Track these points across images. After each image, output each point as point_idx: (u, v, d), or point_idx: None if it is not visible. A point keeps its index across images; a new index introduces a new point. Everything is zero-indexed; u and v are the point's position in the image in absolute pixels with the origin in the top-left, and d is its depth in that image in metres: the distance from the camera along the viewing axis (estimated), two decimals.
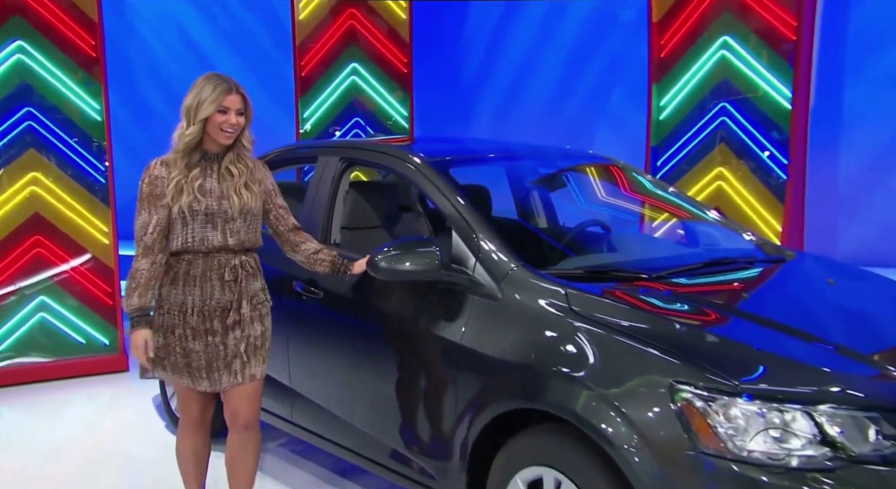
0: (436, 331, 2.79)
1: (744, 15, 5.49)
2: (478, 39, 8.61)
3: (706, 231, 3.47)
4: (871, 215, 6.46)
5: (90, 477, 3.88)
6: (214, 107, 2.68)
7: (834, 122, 6.46)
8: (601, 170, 3.84)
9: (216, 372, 2.77)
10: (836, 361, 2.28)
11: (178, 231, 2.71)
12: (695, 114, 5.79)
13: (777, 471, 2.06)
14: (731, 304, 2.64)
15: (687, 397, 2.17)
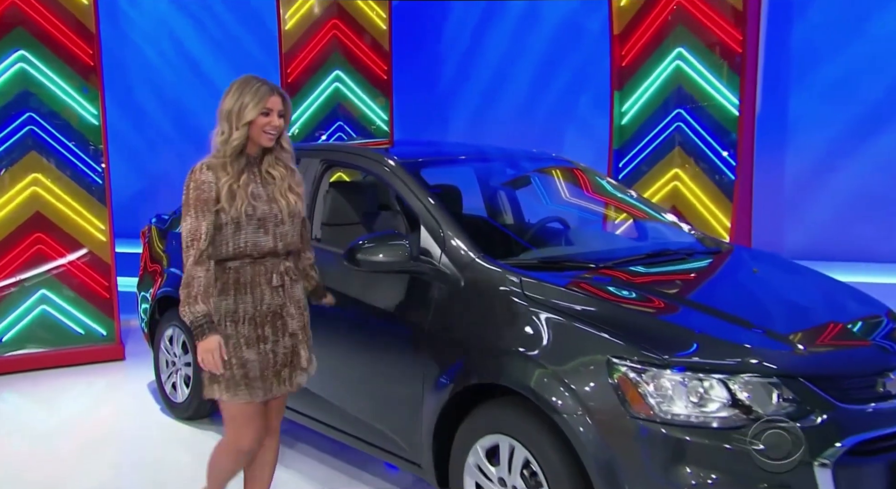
0: (405, 316, 2.99)
1: (695, 29, 5.68)
2: (454, 49, 8.70)
3: (653, 227, 3.69)
4: (814, 213, 6.69)
5: (91, 454, 4.02)
6: (259, 110, 2.54)
7: (780, 128, 6.66)
8: (562, 171, 4.05)
9: (268, 380, 2.63)
10: (749, 339, 2.50)
11: (229, 237, 2.55)
12: (653, 119, 5.97)
13: (698, 431, 2.28)
14: (668, 290, 2.86)
15: (622, 370, 2.39)
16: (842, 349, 2.59)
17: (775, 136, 6.64)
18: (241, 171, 2.57)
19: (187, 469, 3.80)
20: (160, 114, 9.38)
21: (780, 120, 6.63)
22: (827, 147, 6.60)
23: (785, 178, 6.69)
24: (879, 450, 2.36)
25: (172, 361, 4.42)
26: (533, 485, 2.57)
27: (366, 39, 6.99)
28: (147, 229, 4.92)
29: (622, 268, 2.99)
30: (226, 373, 2.56)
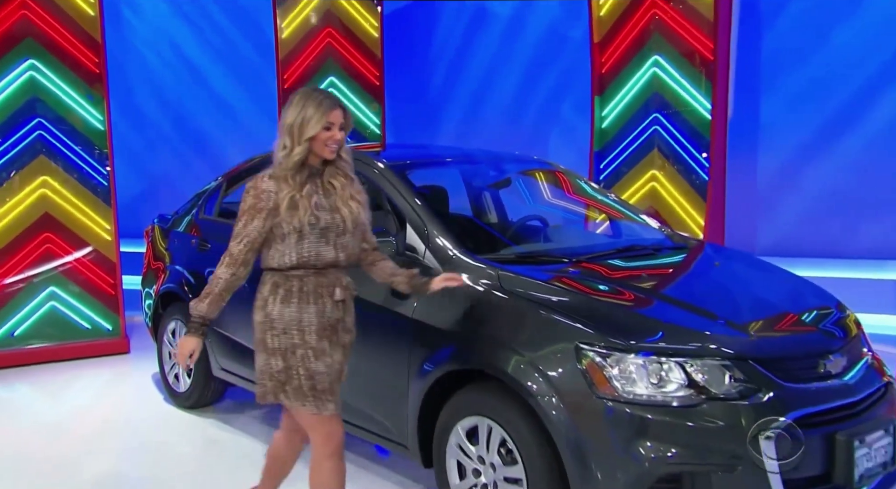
0: (392, 307, 3.13)
1: (671, 38, 5.83)
2: (443, 56, 8.82)
3: (625, 225, 3.85)
4: (784, 212, 6.85)
5: (99, 439, 4.16)
6: (321, 125, 2.47)
7: (752, 131, 6.81)
8: (543, 173, 4.20)
9: (336, 393, 2.57)
10: (706, 326, 2.67)
11: (292, 246, 2.48)
12: (631, 123, 6.11)
13: (658, 410, 2.44)
14: (634, 282, 3.02)
15: (589, 356, 2.55)
16: (788, 334, 2.76)
17: (747, 139, 6.79)
18: (304, 182, 2.51)
19: (188, 452, 3.96)
20: (160, 117, 9.49)
21: (752, 124, 6.78)
22: (796, 149, 6.75)
23: (757, 178, 6.85)
24: (819, 423, 2.53)
25: (175, 353, 4.54)
26: (509, 462, 2.72)
27: (359, 47, 7.12)
28: (150, 229, 5.05)
29: (594, 262, 3.14)
30: (292, 383, 2.50)
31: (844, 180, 6.49)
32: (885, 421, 2.69)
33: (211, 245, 4.30)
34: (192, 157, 9.52)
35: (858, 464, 2.53)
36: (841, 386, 2.63)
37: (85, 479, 3.66)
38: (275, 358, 2.52)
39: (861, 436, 2.55)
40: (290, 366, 2.50)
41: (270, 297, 2.54)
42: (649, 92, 5.98)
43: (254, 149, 9.73)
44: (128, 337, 5.80)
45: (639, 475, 2.43)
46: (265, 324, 2.54)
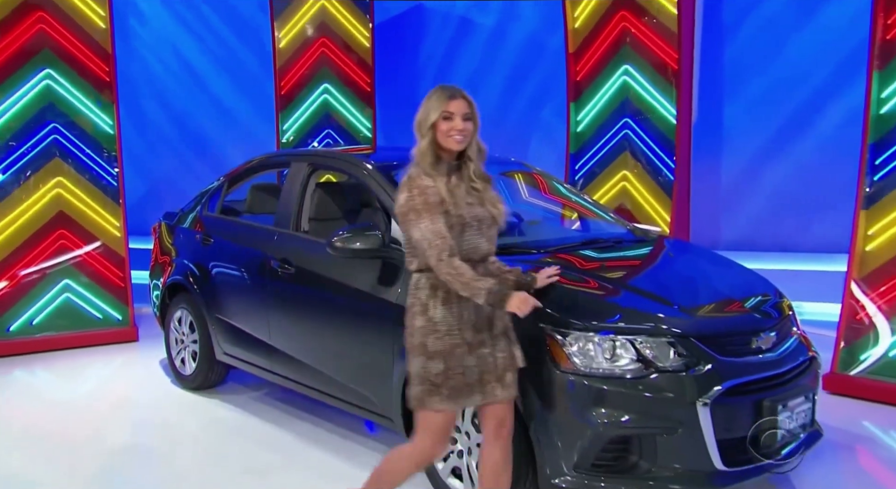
0: (378, 294, 3.36)
1: (639, 48, 6.04)
2: (430, 64, 9.00)
3: (592, 221, 4.08)
4: (745, 210, 7.09)
5: (112, 418, 4.38)
6: (438, 113, 2.41)
7: (715, 135, 7.06)
8: (520, 173, 4.42)
9: (489, 384, 2.48)
10: (656, 309, 2.91)
11: (456, 240, 2.42)
12: (604, 127, 6.32)
13: (611, 381, 2.68)
14: (596, 271, 3.25)
15: (551, 335, 2.78)
16: (726, 316, 3.01)
17: (712, 142, 7.03)
18: (447, 176, 2.47)
19: (194, 428, 4.18)
20: (164, 122, 9.66)
21: (716, 128, 7.02)
22: (755, 152, 7.00)
23: (720, 178, 7.08)
24: (749, 391, 2.79)
25: (181, 339, 4.77)
26: (482, 431, 2.93)
27: (352, 56, 7.30)
28: (157, 225, 5.25)
29: (562, 254, 3.38)
30: (448, 383, 2.44)
31: (798, 181, 6.74)
32: (807, 389, 2.95)
33: (214, 240, 4.51)
34: (192, 158, 9.72)
35: (781, 425, 2.78)
36: (770, 359, 2.89)
37: (101, 450, 3.88)
38: (434, 361, 2.45)
39: (784, 402, 2.81)
40: (449, 368, 2.44)
41: (430, 301, 2.46)
42: (620, 98, 6.20)
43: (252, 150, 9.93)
44: (136, 326, 5.99)
45: (593, 438, 2.68)
46: (427, 328, 2.45)
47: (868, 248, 4.37)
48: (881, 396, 4.24)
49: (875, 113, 4.28)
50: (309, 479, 3.49)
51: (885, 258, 4.30)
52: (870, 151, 4.31)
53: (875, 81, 4.26)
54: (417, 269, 2.50)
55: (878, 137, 4.29)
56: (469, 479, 3.02)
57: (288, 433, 4.03)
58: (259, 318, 4.07)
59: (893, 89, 4.24)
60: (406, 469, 2.60)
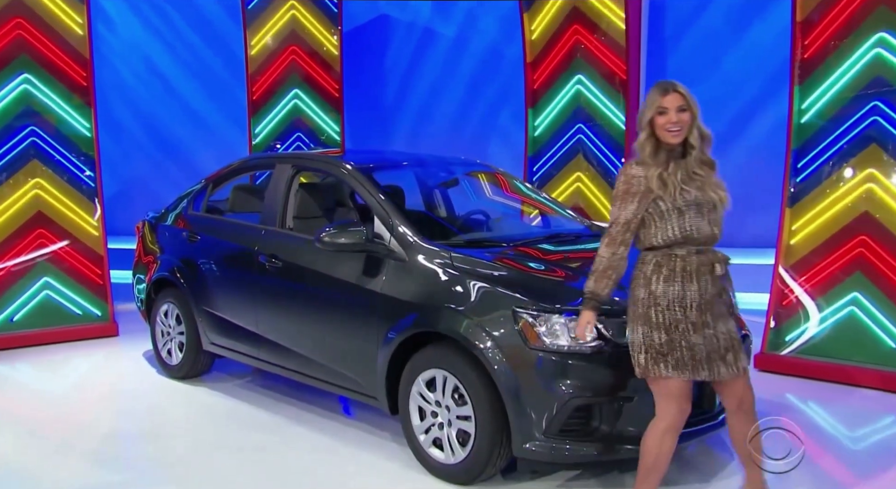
0: (363, 285, 3.58)
1: (590, 59, 6.36)
2: (395, 71, 9.21)
3: (553, 218, 4.38)
4: None
5: (101, 405, 4.46)
6: (653, 110, 2.56)
7: None
8: (485, 174, 4.69)
9: (714, 363, 2.58)
10: (614, 293, 3.18)
11: (674, 222, 2.54)
12: (559, 132, 6.61)
13: (576, 356, 2.96)
14: (558, 261, 3.55)
15: (523, 316, 3.05)
16: None
17: None
18: (666, 162, 2.57)
19: (183, 413, 4.30)
20: (134, 126, 9.63)
21: None
22: None
23: None
24: None
25: (167, 332, 4.89)
26: (460, 403, 3.20)
27: (320, 63, 7.46)
28: (141, 224, 5.35)
29: (527, 247, 3.66)
30: (674, 353, 2.55)
31: (734, 182, 7.15)
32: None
33: (200, 237, 4.65)
34: (163, 161, 9.72)
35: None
36: None
37: (93, 435, 3.97)
38: (658, 332, 2.56)
39: None
40: (673, 340, 2.55)
41: (654, 276, 2.57)
42: (574, 105, 6.51)
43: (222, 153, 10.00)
44: (116, 322, 6.05)
45: (560, 407, 2.95)
46: (648, 300, 2.58)
47: (792, 242, 4.78)
48: (803, 372, 4.65)
49: (797, 122, 4.69)
50: (303, 455, 3.68)
51: (807, 250, 4.71)
52: (793, 156, 4.72)
53: (796, 95, 4.67)
54: (645, 248, 2.65)
55: (799, 144, 4.70)
56: (450, 449, 3.27)
57: (276, 415, 4.20)
58: (247, 310, 4.24)
59: (811, 102, 4.65)
60: (661, 440, 2.65)
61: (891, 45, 4.31)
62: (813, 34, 4.58)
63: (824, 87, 4.56)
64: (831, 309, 4.62)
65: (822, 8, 4.54)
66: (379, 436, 3.86)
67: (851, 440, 3.84)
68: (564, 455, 2.99)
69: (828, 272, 4.60)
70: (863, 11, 4.39)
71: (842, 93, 4.51)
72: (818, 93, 4.59)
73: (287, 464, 3.58)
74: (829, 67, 4.53)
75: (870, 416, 4.11)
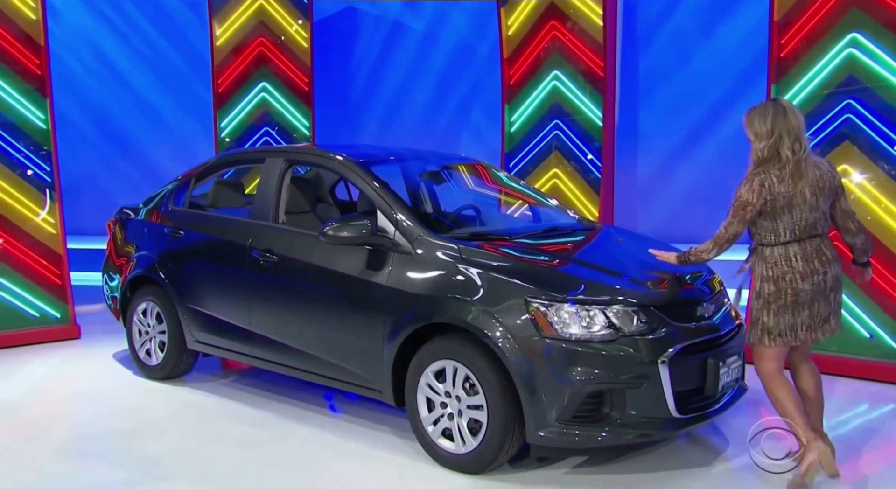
0: (367, 278, 3.71)
1: (567, 56, 6.60)
2: (363, 65, 9.30)
3: (545, 211, 4.59)
4: (660, 203, 7.86)
5: (74, 407, 4.43)
6: None
7: (633, 136, 7.79)
8: (473, 167, 4.85)
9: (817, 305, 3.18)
10: (618, 283, 3.44)
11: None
12: (536, 129, 6.86)
13: (586, 344, 3.18)
14: (561, 252, 3.76)
15: (535, 306, 3.25)
16: (676, 288, 3.59)
17: (629, 143, 7.75)
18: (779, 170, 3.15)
19: (170, 412, 4.31)
20: (82, 119, 9.46)
21: (633, 130, 7.75)
22: (667, 152, 7.78)
23: (637, 176, 7.82)
24: (696, 351, 3.35)
25: (146, 331, 4.89)
26: (472, 393, 3.37)
27: (289, 55, 7.50)
28: (114, 221, 5.33)
29: (529, 239, 3.86)
30: (779, 302, 3.17)
31: (704, 178, 7.58)
32: (738, 349, 3.57)
33: (184, 233, 4.68)
34: (114, 156, 9.56)
35: (721, 379, 3.38)
36: (711, 325, 3.47)
37: (74, 436, 3.97)
38: (768, 283, 3.19)
39: (723, 359, 3.41)
40: (780, 289, 3.16)
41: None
42: (551, 101, 6.76)
43: (179, 148, 9.89)
44: (78, 324, 5.98)
45: (573, 393, 3.15)
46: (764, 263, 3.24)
47: None
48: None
49: None
50: (301, 449, 3.78)
51: None
52: None
53: (773, 93, 5.02)
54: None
55: None
56: (460, 439, 3.43)
57: (265, 412, 4.28)
58: (238, 306, 4.30)
59: (788, 99, 4.99)
60: (775, 390, 3.26)
61: (863, 45, 4.68)
62: (789, 33, 4.94)
63: (800, 84, 4.91)
64: None
65: (798, 9, 4.89)
66: (378, 430, 3.99)
67: (828, 427, 4.12)
68: (576, 440, 3.20)
69: None
70: (837, 12, 4.74)
71: (816, 91, 4.85)
72: (794, 90, 4.93)
73: (292, 459, 3.67)
74: (804, 66, 4.87)
75: (846, 404, 4.44)
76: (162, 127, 9.45)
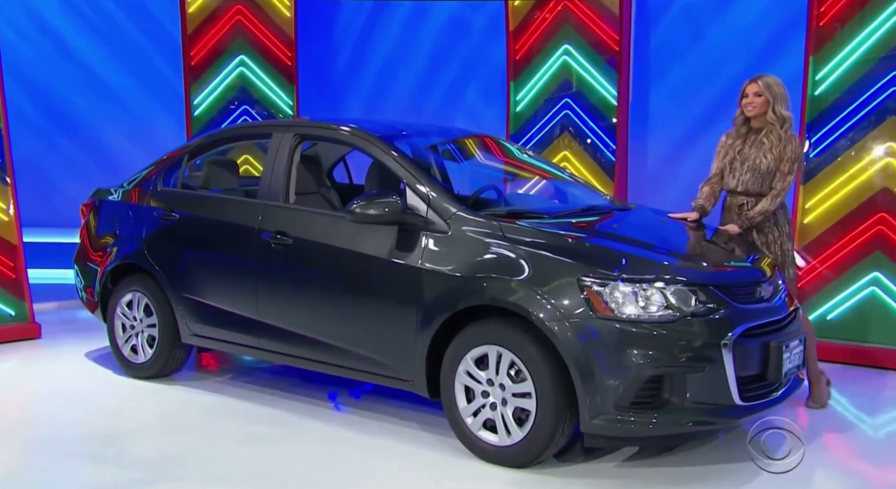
0: (398, 260, 3.78)
1: (579, 28, 6.76)
2: (347, 39, 9.30)
3: (577, 190, 4.73)
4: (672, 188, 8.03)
5: (57, 408, 4.37)
6: (740, 96, 4.25)
7: (643, 118, 7.96)
8: (496, 143, 4.94)
9: None
10: (675, 262, 3.59)
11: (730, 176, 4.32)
12: (544, 107, 6.99)
13: (644, 325, 3.31)
14: (608, 231, 3.90)
15: (588, 285, 3.38)
16: (733, 269, 3.76)
17: (640, 124, 7.92)
18: (746, 134, 4.28)
19: (164, 411, 4.31)
20: (19, 96, 9.25)
21: (644, 111, 7.92)
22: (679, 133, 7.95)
23: (647, 159, 8.00)
24: (756, 334, 3.51)
25: (132, 325, 4.88)
26: (518, 381, 3.48)
27: (270, 26, 7.50)
28: (88, 205, 5.29)
29: (570, 218, 3.99)
30: None
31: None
32: (799, 333, 3.76)
33: (179, 215, 4.69)
34: (58, 137, 9.42)
35: (784, 364, 3.55)
36: (770, 307, 3.64)
37: (78, 437, 3.96)
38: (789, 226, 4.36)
39: (786, 343, 3.58)
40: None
41: None
42: (560, 78, 6.92)
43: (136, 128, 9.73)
44: (37, 322, 5.91)
45: (632, 378, 3.28)
46: None
47: (806, 221, 5.35)
48: (822, 356, 5.17)
49: (811, 94, 5.27)
50: (314, 445, 3.85)
51: (822, 229, 5.28)
52: (807, 130, 5.30)
53: (811, 65, 5.25)
54: None
55: (813, 117, 5.28)
56: (504, 430, 3.54)
57: (272, 409, 4.32)
58: (244, 293, 4.33)
59: (826, 72, 5.23)
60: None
61: None
62: (829, 1, 5.15)
63: (841, 56, 5.11)
64: (850, 290, 5.18)
65: None
66: (404, 426, 4.07)
67: (872, 427, 4.30)
68: (632, 428, 3.32)
69: (845, 252, 5.16)
70: None
71: (859, 62, 5.04)
72: (834, 63, 5.14)
73: (317, 455, 3.73)
74: (846, 36, 5.07)
75: (892, 401, 4.63)
76: (114, 104, 9.33)
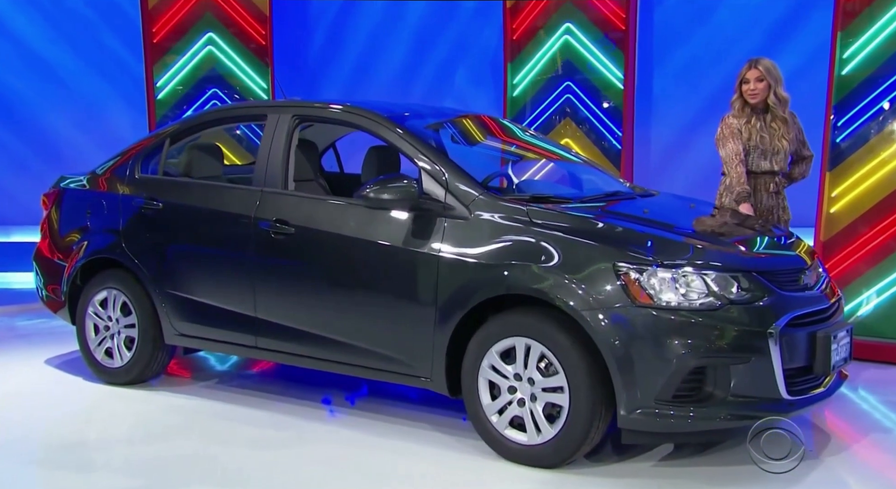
0: (415, 248, 3.86)
1: (582, 5, 6.94)
2: (325, 15, 9.27)
3: (598, 175, 4.86)
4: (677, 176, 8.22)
5: (30, 417, 4.37)
6: (740, 81, 4.93)
7: (647, 102, 8.13)
8: (507, 127, 5.07)
9: None
10: (714, 247, 3.72)
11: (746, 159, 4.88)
12: (544, 91, 7.14)
13: (685, 312, 3.43)
14: (640, 216, 4.03)
15: (625, 271, 3.50)
16: (776, 255, 3.92)
17: (643, 109, 8.10)
18: (749, 118, 4.91)
19: (153, 417, 4.33)
20: None
21: (647, 93, 8.10)
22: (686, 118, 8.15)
23: (652, 146, 8.19)
24: (803, 324, 3.65)
25: (106, 325, 4.88)
26: (549, 374, 3.58)
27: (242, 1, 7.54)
28: (50, 194, 5.27)
29: (594, 203, 4.12)
30: None
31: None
32: (845, 324, 3.92)
33: (162, 204, 4.71)
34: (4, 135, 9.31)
35: (832, 356, 3.70)
36: (815, 295, 3.79)
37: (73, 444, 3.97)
38: None
39: (834, 334, 3.73)
40: None
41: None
42: (561, 59, 7.06)
43: (80, 111, 9.61)
44: None
45: (675, 370, 3.39)
46: None
47: (833, 210, 5.51)
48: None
49: (838, 73, 5.44)
50: (327, 448, 3.92)
51: (850, 219, 5.41)
52: (833, 113, 5.48)
53: (839, 42, 5.42)
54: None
55: (840, 98, 5.44)
56: (534, 428, 3.64)
57: (272, 413, 4.39)
58: (239, 288, 4.37)
59: (855, 50, 5.39)
60: None
61: None
62: None
63: (872, 31, 5.25)
64: (882, 284, 5.35)
65: None
66: (416, 427, 4.17)
67: None
68: (672, 423, 3.42)
69: (876, 243, 5.31)
70: None
71: (891, 38, 5.16)
72: (865, 39, 5.29)
73: (334, 457, 3.80)
74: (877, 9, 5.20)
75: None
76: (57, 85, 9.20)
